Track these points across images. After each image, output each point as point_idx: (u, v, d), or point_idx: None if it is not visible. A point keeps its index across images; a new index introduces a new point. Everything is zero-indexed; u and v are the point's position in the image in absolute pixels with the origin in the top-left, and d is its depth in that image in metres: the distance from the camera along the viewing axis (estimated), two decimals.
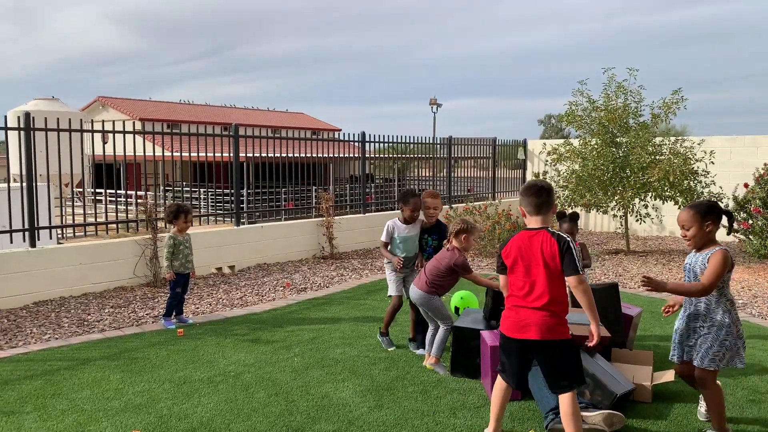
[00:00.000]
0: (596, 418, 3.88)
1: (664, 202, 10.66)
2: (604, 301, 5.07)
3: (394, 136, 12.53)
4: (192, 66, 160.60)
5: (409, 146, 13.61)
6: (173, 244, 6.36)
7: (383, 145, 12.64)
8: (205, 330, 6.20)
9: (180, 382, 4.75)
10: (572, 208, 11.62)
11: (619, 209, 11.16)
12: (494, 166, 15.61)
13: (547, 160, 12.23)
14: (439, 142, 14.54)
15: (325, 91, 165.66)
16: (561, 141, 12.14)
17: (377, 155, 14.98)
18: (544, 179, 12.58)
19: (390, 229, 5.64)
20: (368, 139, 12.00)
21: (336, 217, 10.84)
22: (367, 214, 11.96)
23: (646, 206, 11.06)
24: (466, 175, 15.62)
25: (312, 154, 11.41)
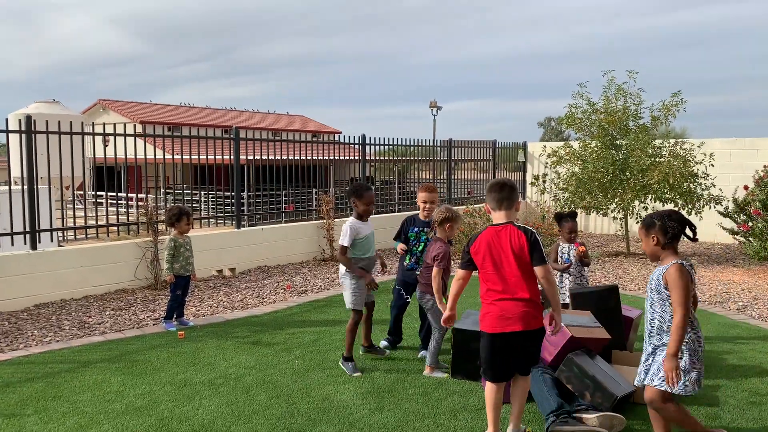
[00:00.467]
0: (596, 420, 3.89)
1: (664, 204, 10.66)
2: (605, 303, 5.09)
3: (395, 139, 12.56)
4: (193, 69, 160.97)
5: (410, 149, 13.63)
6: (174, 246, 6.37)
7: (383, 147, 12.66)
8: (206, 332, 6.21)
9: (181, 385, 4.75)
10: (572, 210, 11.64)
11: (619, 211, 11.17)
12: (494, 168, 15.63)
13: (547, 163, 12.24)
14: (440, 145, 14.56)
15: (325, 94, 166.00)
16: (561, 143, 12.15)
17: (377, 158, 15.01)
18: (544, 181, 12.60)
19: (354, 229, 5.07)
20: (368, 142, 12.02)
21: (336, 220, 10.85)
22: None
23: (646, 208, 11.04)
24: (466, 178, 15.63)
25: (312, 157, 11.43)
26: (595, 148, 11.00)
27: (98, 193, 18.63)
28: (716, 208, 10.54)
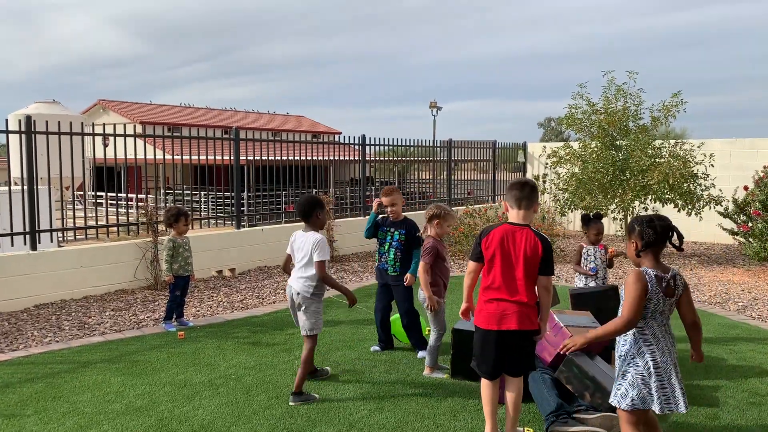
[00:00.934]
0: (596, 421, 3.89)
1: (664, 204, 10.67)
2: (605, 303, 5.09)
3: (395, 139, 12.56)
4: (193, 69, 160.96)
5: (410, 149, 13.64)
6: (172, 247, 6.38)
7: (383, 147, 12.66)
8: (206, 333, 6.21)
9: (181, 385, 4.75)
10: (572, 211, 11.64)
11: (619, 212, 11.17)
12: (494, 168, 15.63)
13: (547, 163, 12.24)
14: (439, 145, 14.56)
15: (325, 94, 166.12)
16: (561, 144, 12.15)
17: (377, 158, 15.01)
18: (544, 182, 12.60)
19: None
20: (368, 142, 12.02)
21: (336, 220, 10.85)
22: (367, 217, 11.95)
23: (646, 209, 11.06)
24: (466, 178, 15.64)
25: (312, 157, 11.43)
26: (595, 149, 11.00)
27: (98, 193, 18.63)
28: (716, 208, 10.54)
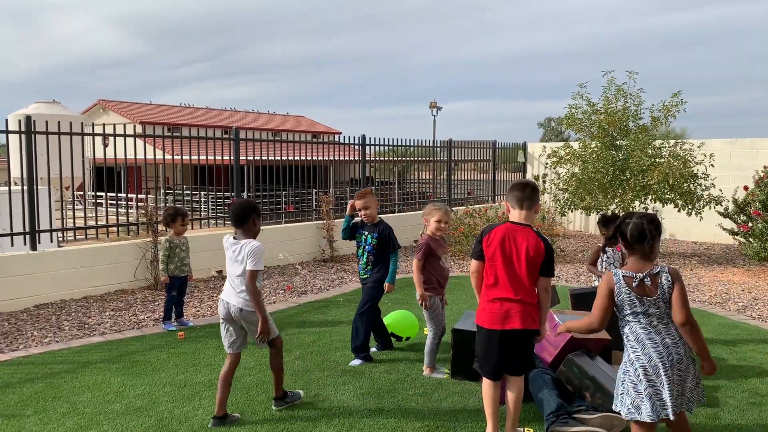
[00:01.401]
0: (596, 421, 3.89)
1: (664, 204, 10.67)
2: None
3: (395, 139, 12.57)
4: (193, 69, 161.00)
5: (410, 149, 13.64)
6: (169, 247, 6.37)
7: (383, 148, 12.66)
8: (206, 333, 6.21)
9: (180, 385, 4.75)
10: (572, 211, 11.64)
11: (619, 212, 11.16)
12: (494, 168, 15.63)
13: (547, 163, 12.24)
14: (439, 145, 14.56)
15: (325, 94, 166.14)
16: (561, 144, 12.15)
17: (377, 158, 15.01)
18: (544, 182, 12.60)
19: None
20: (368, 142, 12.02)
21: (336, 220, 10.85)
22: None
23: (646, 209, 11.06)
24: (466, 178, 15.64)
25: (312, 157, 11.43)
26: (595, 149, 11.00)
27: (98, 193, 18.62)
28: (716, 208, 10.54)
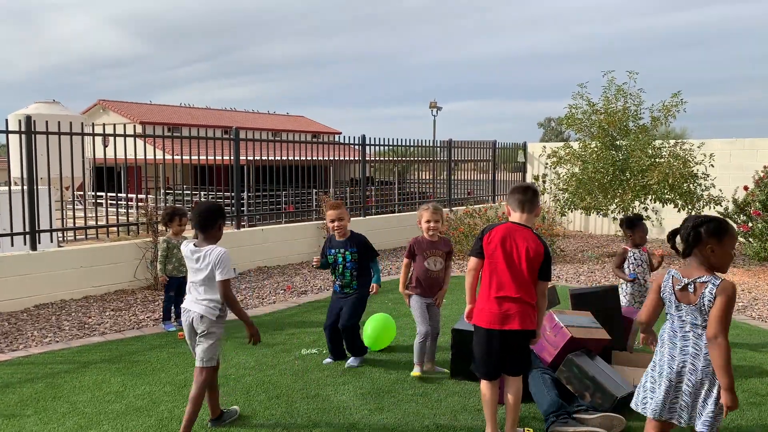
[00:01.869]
0: (596, 421, 3.89)
1: (664, 204, 10.68)
2: (605, 303, 5.09)
3: (395, 139, 12.57)
4: (193, 69, 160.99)
5: (410, 149, 13.64)
6: (167, 247, 6.36)
7: (383, 148, 12.66)
8: None
9: (181, 385, 4.75)
10: (572, 211, 11.64)
11: (619, 212, 11.17)
12: (494, 168, 15.63)
13: (547, 163, 12.24)
14: (439, 145, 14.56)
15: (325, 94, 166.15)
16: (561, 144, 12.16)
17: (377, 158, 15.01)
18: (544, 182, 12.60)
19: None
20: (368, 142, 12.02)
21: None
22: (367, 217, 11.97)
23: (646, 209, 11.07)
24: (466, 178, 15.64)
25: (312, 157, 11.43)
26: (595, 149, 11.01)
27: (98, 193, 18.62)
28: (716, 208, 10.54)
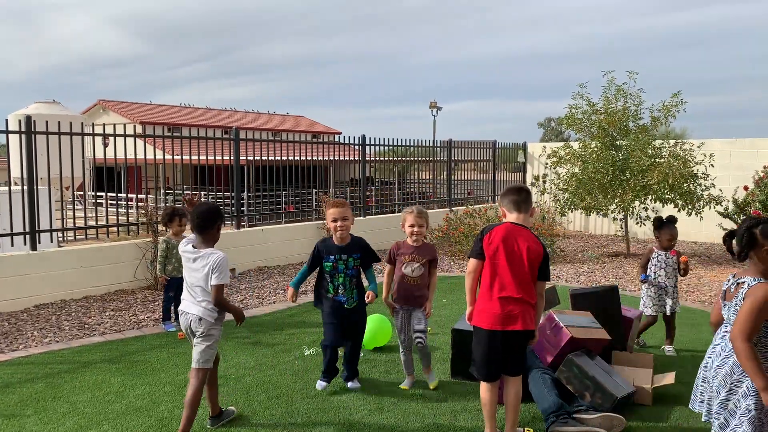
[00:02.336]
0: (596, 421, 3.89)
1: (664, 204, 10.67)
2: (605, 303, 5.09)
3: (395, 139, 12.57)
4: (193, 69, 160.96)
5: (410, 149, 13.64)
6: (166, 248, 6.36)
7: (383, 148, 12.67)
8: None
9: (181, 385, 4.75)
10: (572, 211, 11.64)
11: (619, 212, 11.17)
12: (494, 168, 15.63)
13: (547, 163, 12.24)
14: (440, 145, 14.56)
15: (325, 94, 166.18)
16: (561, 144, 12.15)
17: (377, 158, 15.01)
18: (544, 182, 12.60)
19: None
20: (368, 142, 12.03)
21: None
22: (367, 217, 11.97)
23: (646, 209, 11.07)
24: (466, 178, 15.64)
25: (312, 157, 11.43)
26: (595, 149, 11.00)
27: (98, 193, 18.63)
28: (716, 208, 10.54)
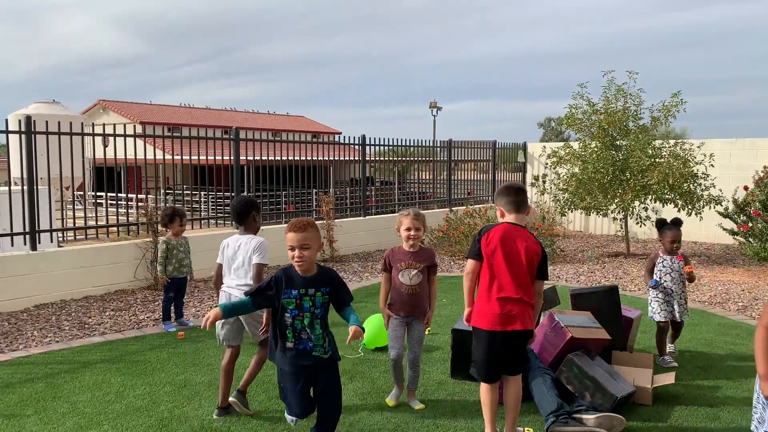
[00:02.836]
0: (596, 421, 3.89)
1: (664, 204, 10.67)
2: (605, 303, 5.08)
3: (395, 139, 12.57)
4: (193, 69, 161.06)
5: (410, 149, 13.63)
6: (166, 248, 6.36)
7: (383, 148, 12.67)
8: (206, 333, 6.20)
9: (181, 385, 4.75)
10: (572, 211, 11.64)
11: (618, 212, 11.17)
12: (494, 168, 15.62)
13: (546, 163, 12.24)
14: (440, 145, 14.56)
15: (325, 94, 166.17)
16: (561, 144, 12.15)
17: (377, 158, 15.01)
18: (544, 182, 12.60)
19: None
20: (368, 142, 12.02)
21: (336, 220, 10.85)
22: (367, 217, 11.97)
23: (646, 209, 11.07)
24: (466, 178, 15.64)
25: (312, 157, 11.43)
26: (595, 149, 11.00)
27: (98, 193, 18.63)
28: (716, 208, 10.54)
